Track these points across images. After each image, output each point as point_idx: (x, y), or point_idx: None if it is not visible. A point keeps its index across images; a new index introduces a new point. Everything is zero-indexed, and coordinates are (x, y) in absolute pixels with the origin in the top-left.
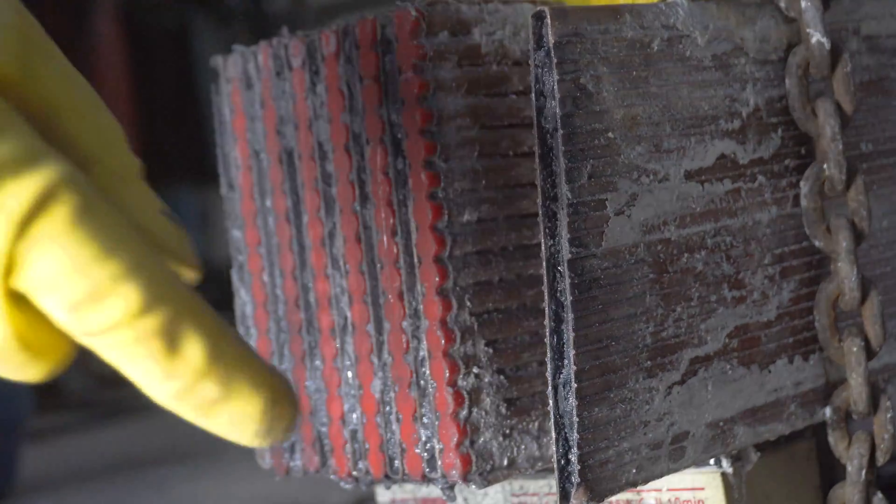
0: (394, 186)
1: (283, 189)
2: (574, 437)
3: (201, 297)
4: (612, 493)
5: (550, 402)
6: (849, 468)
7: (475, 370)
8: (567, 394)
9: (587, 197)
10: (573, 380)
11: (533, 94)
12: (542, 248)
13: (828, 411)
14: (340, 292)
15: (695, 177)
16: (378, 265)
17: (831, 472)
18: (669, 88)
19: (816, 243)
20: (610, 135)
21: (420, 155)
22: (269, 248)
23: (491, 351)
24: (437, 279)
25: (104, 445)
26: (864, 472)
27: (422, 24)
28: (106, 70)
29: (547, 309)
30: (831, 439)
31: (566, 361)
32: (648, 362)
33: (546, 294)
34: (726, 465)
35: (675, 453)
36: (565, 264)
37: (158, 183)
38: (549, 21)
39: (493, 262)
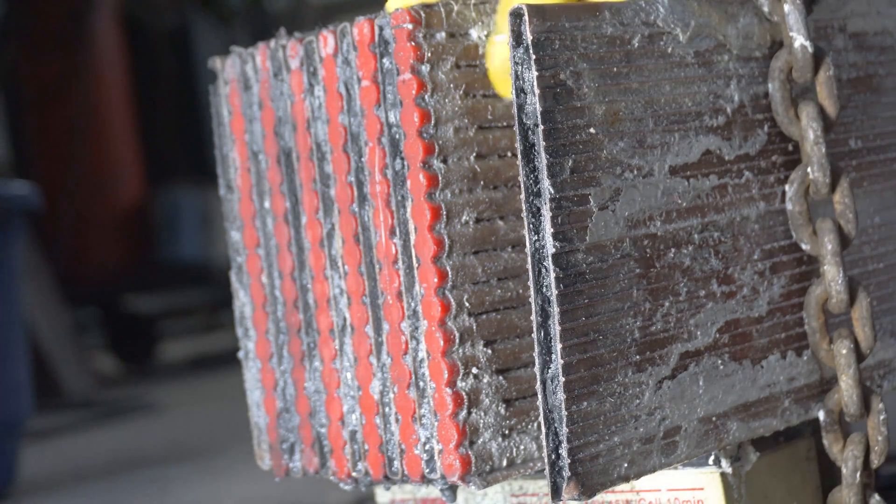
0: (392, 187)
1: (281, 190)
2: (563, 431)
3: (197, 298)
4: (604, 487)
5: (539, 397)
6: (844, 471)
7: (474, 371)
8: (555, 388)
9: (570, 192)
10: (560, 374)
11: (513, 91)
12: (527, 243)
13: (821, 414)
14: (339, 293)
15: (680, 172)
16: (377, 266)
17: (832, 471)
18: (651, 84)
19: (803, 246)
20: (591, 130)
21: (418, 156)
22: (268, 250)
23: (490, 352)
24: (435, 280)
25: (104, 445)
26: (859, 474)
27: (419, 24)
28: (106, 70)
29: (533, 304)
30: (825, 442)
31: (553, 356)
32: (637, 357)
33: (532, 289)
34: (726, 465)
35: (668, 448)
36: (550, 259)
37: (158, 183)
38: (527, 18)
39: (492, 263)
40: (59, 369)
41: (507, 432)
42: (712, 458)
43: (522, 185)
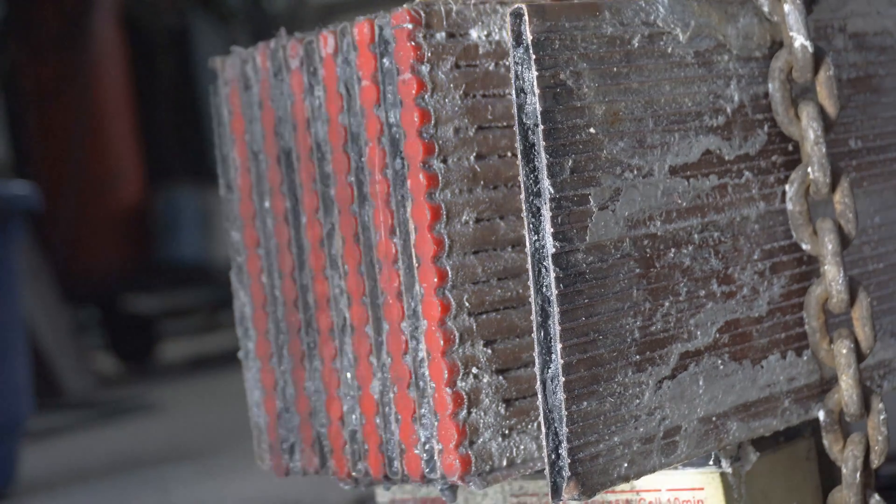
0: (392, 187)
1: (281, 190)
2: (563, 431)
3: (197, 298)
4: (604, 487)
5: (539, 396)
6: (844, 471)
7: (474, 371)
8: (555, 388)
9: (570, 192)
10: (560, 374)
11: (513, 91)
12: (527, 243)
13: (821, 414)
14: (339, 293)
15: (680, 172)
16: (377, 266)
17: (832, 471)
18: (651, 84)
19: (803, 246)
20: (591, 130)
21: (418, 156)
22: (268, 250)
23: (490, 351)
24: (435, 280)
25: (104, 445)
26: (858, 474)
27: (419, 24)
28: (106, 70)
29: (533, 304)
30: (825, 442)
31: (553, 356)
32: (637, 356)
33: (532, 289)
34: (726, 465)
35: (668, 448)
36: (550, 259)
37: (158, 183)
38: (526, 17)
39: (492, 263)
40: (59, 369)
41: (507, 432)
42: (712, 458)
43: (522, 185)
